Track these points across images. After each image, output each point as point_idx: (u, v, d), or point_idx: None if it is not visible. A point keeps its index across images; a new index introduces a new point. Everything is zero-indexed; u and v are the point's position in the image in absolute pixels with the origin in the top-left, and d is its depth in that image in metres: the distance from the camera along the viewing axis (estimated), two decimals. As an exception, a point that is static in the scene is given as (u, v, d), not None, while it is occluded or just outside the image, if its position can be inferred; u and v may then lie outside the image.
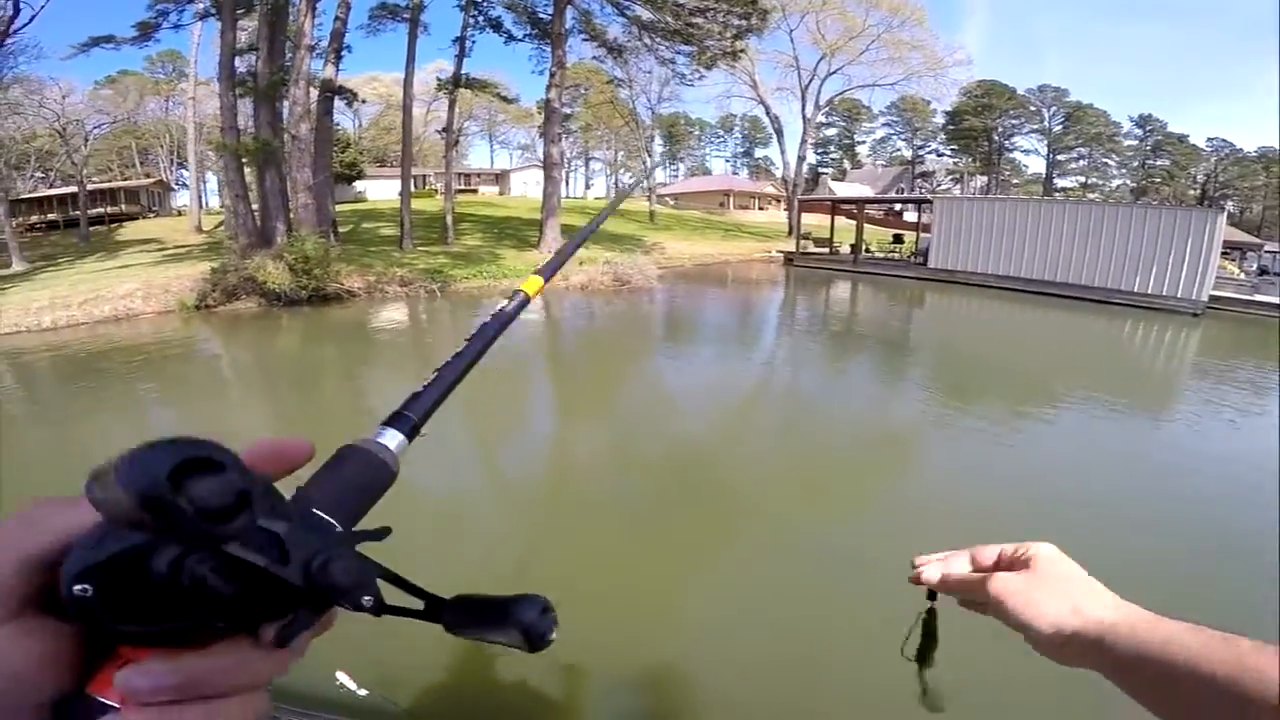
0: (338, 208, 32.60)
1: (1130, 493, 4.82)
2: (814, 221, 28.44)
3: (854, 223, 23.24)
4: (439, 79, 20.79)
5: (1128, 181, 52.16)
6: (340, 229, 24.23)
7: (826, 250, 24.13)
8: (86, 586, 0.24)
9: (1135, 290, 15.60)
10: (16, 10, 16.19)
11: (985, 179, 54.62)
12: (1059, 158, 52.73)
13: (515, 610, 0.30)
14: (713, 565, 3.84)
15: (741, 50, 20.84)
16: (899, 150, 59.65)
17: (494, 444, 6.05)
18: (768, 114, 33.73)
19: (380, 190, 38.97)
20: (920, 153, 57.75)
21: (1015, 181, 55.08)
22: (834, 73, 31.42)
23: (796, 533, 4.14)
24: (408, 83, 18.40)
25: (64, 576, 0.25)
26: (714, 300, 16.69)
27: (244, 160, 15.08)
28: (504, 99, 23.16)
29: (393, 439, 0.38)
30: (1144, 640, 0.45)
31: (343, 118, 43.30)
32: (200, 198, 29.08)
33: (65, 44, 18.96)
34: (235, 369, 9.67)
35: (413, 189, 40.86)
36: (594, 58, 23.77)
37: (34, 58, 20.48)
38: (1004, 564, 0.58)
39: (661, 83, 29.41)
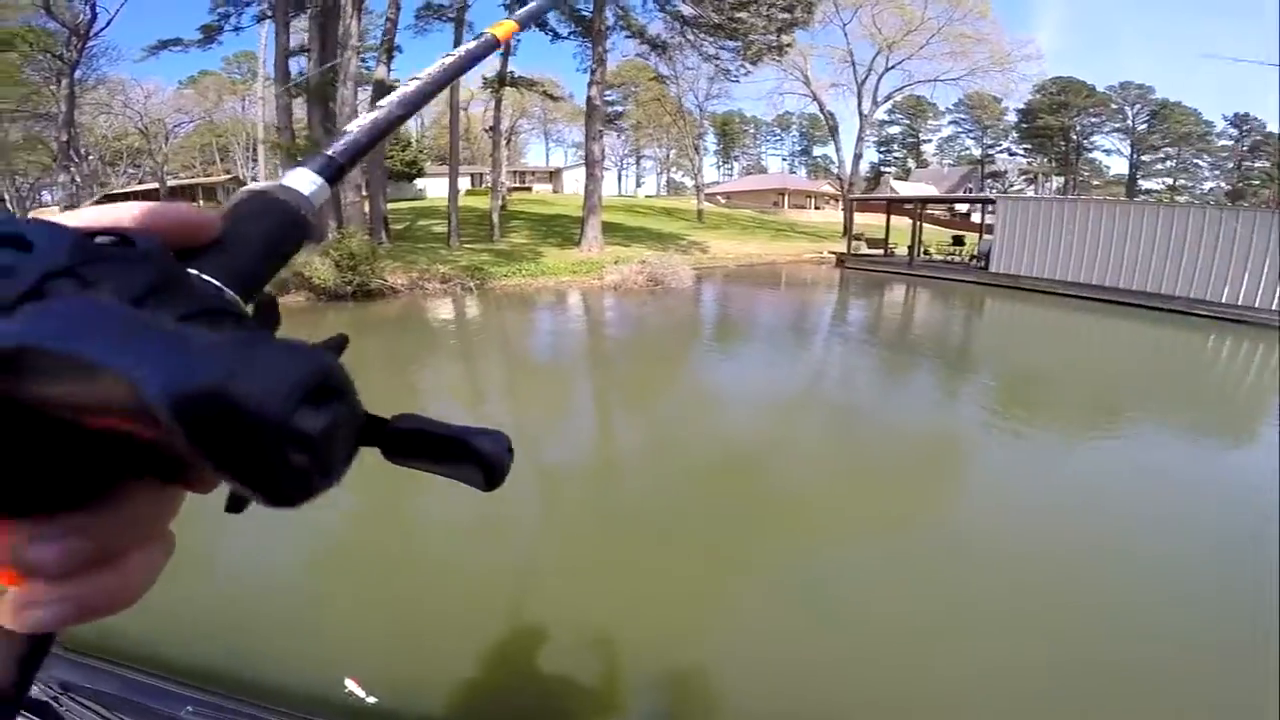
0: (398, 205, 33.69)
1: (1197, 526, 4.36)
2: (876, 222, 27.36)
3: (917, 224, 22.20)
4: (484, 78, 21.01)
5: (1222, 184, 48.23)
6: (394, 226, 24.85)
7: (881, 252, 23.16)
8: None
9: (1222, 301, 14.18)
10: (94, 14, 17.19)
11: (1061, 180, 51.59)
12: (1143, 158, 49.22)
13: (474, 441, 0.24)
14: (753, 573, 3.72)
15: (788, 45, 20.16)
16: (967, 149, 57.13)
17: (523, 442, 5.93)
18: (821, 111, 32.69)
19: (440, 188, 39.68)
20: (990, 152, 55.10)
21: (1096, 183, 51.78)
22: (892, 68, 30.07)
23: (835, 544, 4.04)
24: (455, 83, 18.56)
25: None
26: (745, 303, 16.14)
27: (296, 159, 15.54)
28: (551, 96, 23.21)
29: (306, 180, 0.30)
30: None
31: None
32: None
33: (140, 47, 20.07)
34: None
35: (470, 186, 42.04)
36: (638, 54, 23.49)
37: (114, 60, 21.79)
38: None
39: (709, 79, 28.86)
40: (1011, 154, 54.83)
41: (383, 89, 18.01)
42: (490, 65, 23.51)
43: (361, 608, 3.27)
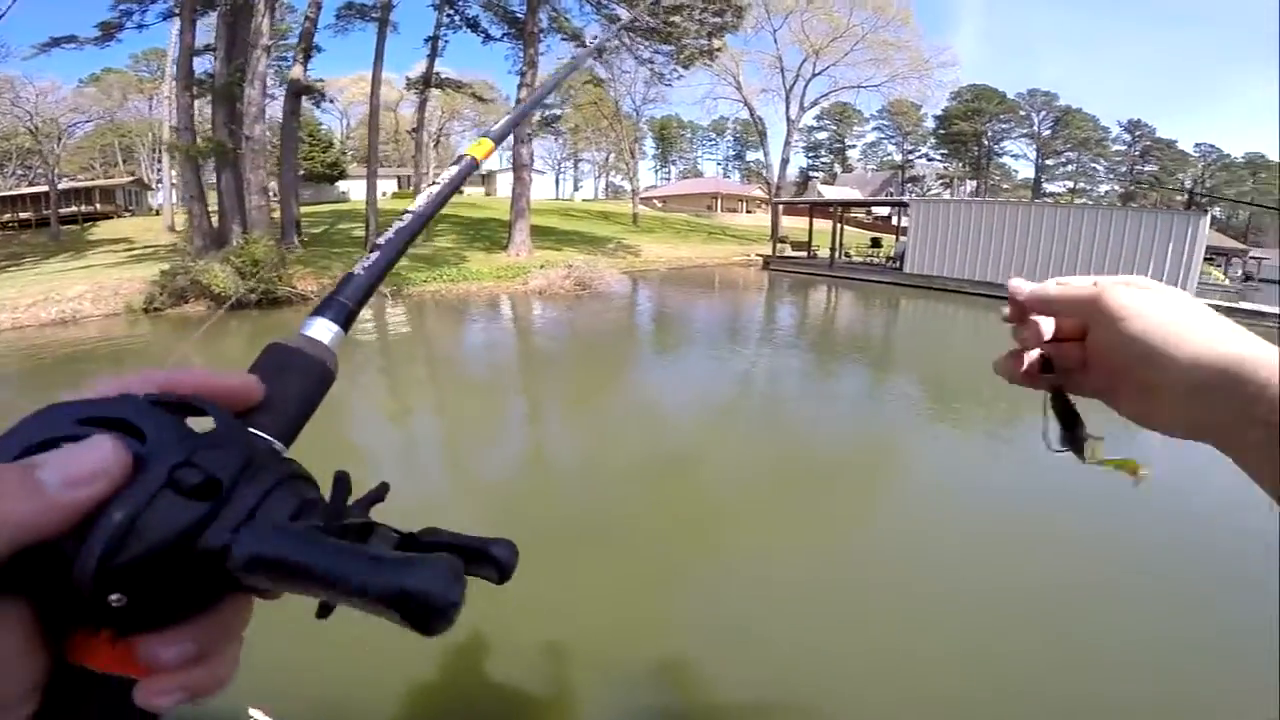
0: (319, 208, 32.29)
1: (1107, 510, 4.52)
2: (805, 225, 28.10)
3: (844, 227, 22.92)
4: (408, 78, 20.41)
5: (1115, 186, 52.07)
6: (313, 230, 23.78)
7: (805, 254, 23.79)
8: (121, 596, 0.22)
9: None
10: (-19, 11, 15.74)
11: (975, 183, 54.48)
12: (1048, 162, 52.64)
13: (490, 549, 0.28)
14: (691, 582, 3.74)
15: (718, 49, 20.50)
16: (890, 154, 59.66)
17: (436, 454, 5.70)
18: (752, 116, 33.40)
19: (364, 190, 38.55)
20: (910, 157, 57.69)
21: (1005, 186, 54.97)
22: (819, 74, 31.02)
23: (757, 551, 4.06)
24: (375, 83, 18.01)
25: (82, 578, 0.22)
26: (672, 306, 16.20)
27: (199, 161, 14.67)
28: (480, 98, 22.82)
29: (325, 330, 0.34)
30: None
31: (328, 117, 42.90)
32: (174, 197, 28.55)
33: (29, 44, 18.47)
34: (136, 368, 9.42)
35: (397, 189, 40.76)
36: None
37: (2, 57, 19.92)
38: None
39: (646, 83, 29.06)
40: (930, 159, 57.60)
41: (298, 89, 17.23)
42: (416, 65, 22.94)
43: (263, 629, 3.08)
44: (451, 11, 19.05)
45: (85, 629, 0.24)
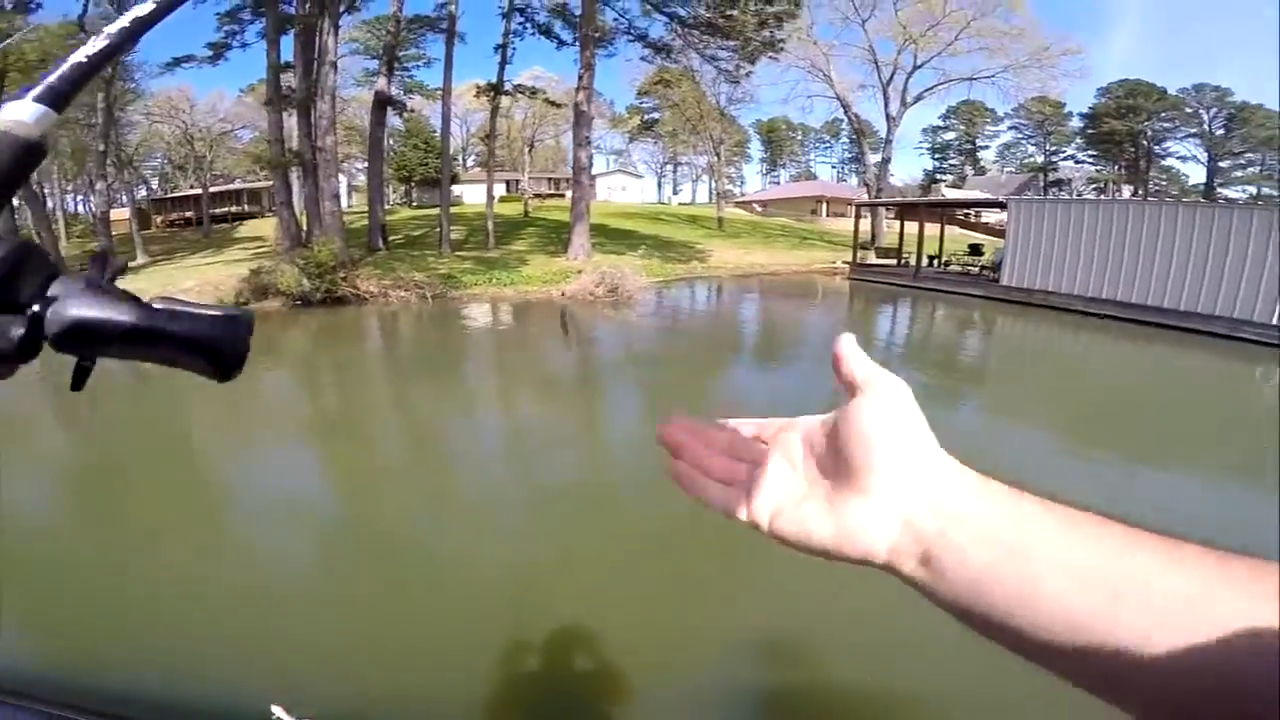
0: (429, 212, 34.36)
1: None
2: (929, 231, 25.56)
3: (972, 232, 20.50)
4: (478, 86, 21.10)
5: (1314, 192, 43.51)
6: (414, 232, 25.33)
7: (894, 261, 21.76)
8: None
9: (1273, 322, 12.09)
10: (121, 33, 18.14)
11: (1132, 189, 47.86)
12: (1222, 164, 45.03)
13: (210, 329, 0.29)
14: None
15: (781, 41, 19.36)
16: (1030, 156, 54.01)
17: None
18: (846, 113, 31.22)
19: (476, 194, 40.49)
20: (1053, 159, 51.89)
21: (1173, 192, 47.75)
22: (920, 66, 28.36)
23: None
24: (446, 93, 18.79)
25: None
26: (679, 317, 15.25)
27: (284, 172, 15.99)
28: (553, 104, 23.12)
29: (25, 109, 0.32)
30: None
31: (439, 120, 45.72)
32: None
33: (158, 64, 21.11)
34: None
35: (505, 193, 42.49)
36: (642, 59, 23.09)
37: (148, 75, 22.92)
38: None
39: (730, 83, 27.96)
40: (1078, 161, 51.47)
41: (383, 100, 18.34)
42: (521, 74, 23.72)
43: (285, 629, 3.18)
44: (522, 20, 19.53)
45: None
